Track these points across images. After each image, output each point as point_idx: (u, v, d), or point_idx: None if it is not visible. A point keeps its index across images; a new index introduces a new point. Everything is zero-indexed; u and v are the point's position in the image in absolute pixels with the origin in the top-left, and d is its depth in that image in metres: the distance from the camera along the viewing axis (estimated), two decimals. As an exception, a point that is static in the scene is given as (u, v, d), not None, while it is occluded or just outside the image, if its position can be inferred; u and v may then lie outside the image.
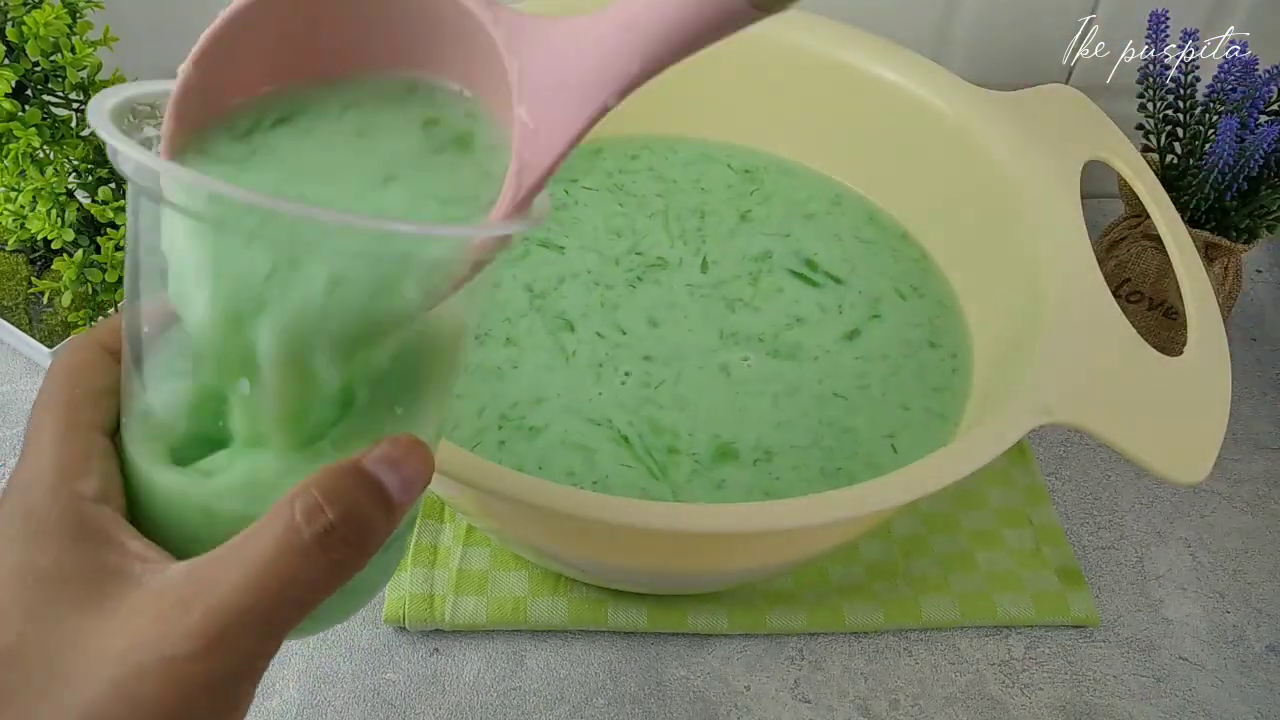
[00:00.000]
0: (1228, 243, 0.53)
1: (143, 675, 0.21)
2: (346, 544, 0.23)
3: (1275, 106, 0.53)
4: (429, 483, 0.25)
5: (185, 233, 0.23)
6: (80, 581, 0.22)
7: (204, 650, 0.21)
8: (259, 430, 0.24)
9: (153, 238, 0.24)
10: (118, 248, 0.47)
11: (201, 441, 0.25)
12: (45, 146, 0.47)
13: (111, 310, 0.50)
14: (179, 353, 0.25)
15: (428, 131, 0.26)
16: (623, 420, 0.44)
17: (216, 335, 0.23)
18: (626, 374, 0.46)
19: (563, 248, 0.52)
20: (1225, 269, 0.55)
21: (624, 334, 0.47)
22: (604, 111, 0.23)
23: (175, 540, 0.24)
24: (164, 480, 0.24)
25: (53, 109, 0.47)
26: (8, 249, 0.53)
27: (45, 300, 0.53)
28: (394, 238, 0.23)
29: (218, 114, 0.26)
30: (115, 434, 0.25)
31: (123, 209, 0.47)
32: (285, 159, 0.25)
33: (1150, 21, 0.53)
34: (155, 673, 0.21)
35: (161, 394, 0.25)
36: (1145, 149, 0.56)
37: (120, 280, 0.48)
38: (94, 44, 0.47)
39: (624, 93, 0.23)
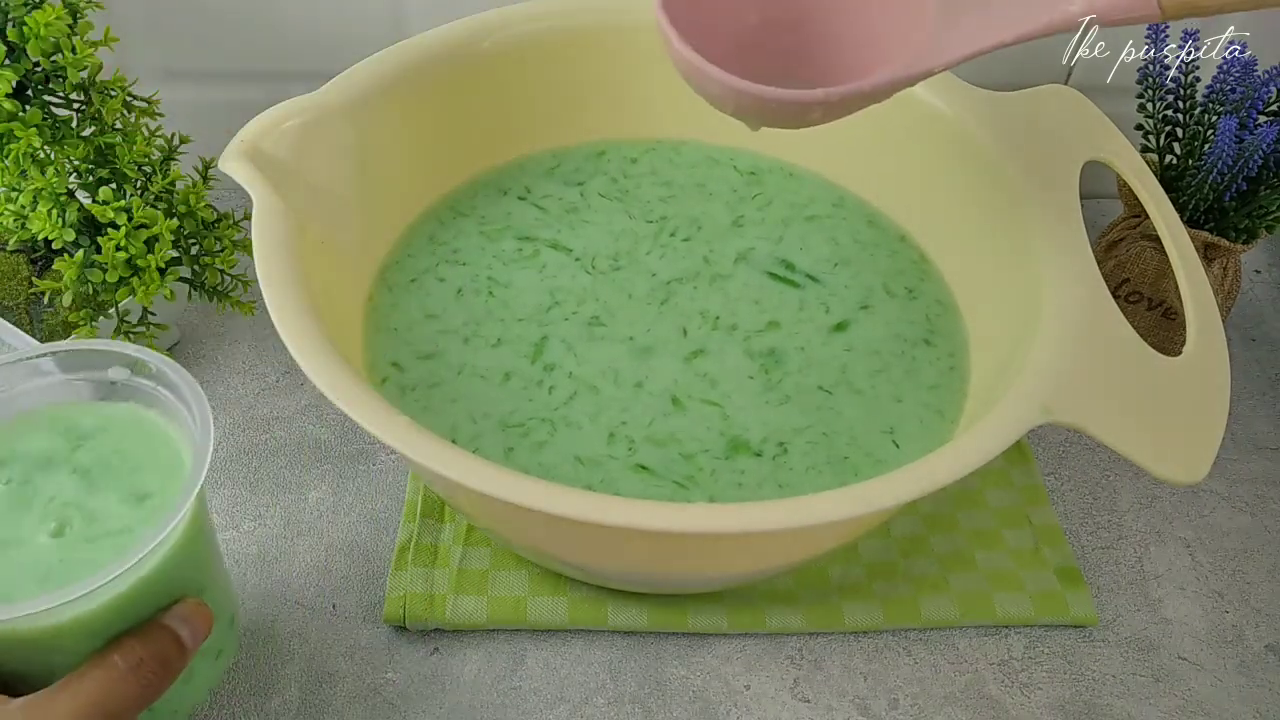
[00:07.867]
0: (1227, 243, 0.53)
1: None
2: (153, 672, 0.33)
3: (1274, 107, 0.53)
4: (209, 633, 0.36)
5: None
6: None
7: None
8: None
9: None
10: (118, 248, 0.47)
11: None
12: (46, 147, 0.47)
13: (112, 310, 0.50)
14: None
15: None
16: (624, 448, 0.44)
17: None
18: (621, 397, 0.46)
19: (571, 249, 0.52)
20: (1224, 269, 0.55)
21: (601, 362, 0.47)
22: (1008, 43, 0.26)
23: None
24: None
25: (53, 109, 0.47)
26: (8, 249, 0.53)
27: (46, 300, 0.53)
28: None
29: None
30: None
31: (124, 209, 0.48)
32: None
33: (1150, 22, 0.53)
34: None
35: None
36: (1145, 149, 0.56)
37: (120, 280, 0.48)
38: (94, 44, 0.47)
39: (1021, 39, 0.26)
